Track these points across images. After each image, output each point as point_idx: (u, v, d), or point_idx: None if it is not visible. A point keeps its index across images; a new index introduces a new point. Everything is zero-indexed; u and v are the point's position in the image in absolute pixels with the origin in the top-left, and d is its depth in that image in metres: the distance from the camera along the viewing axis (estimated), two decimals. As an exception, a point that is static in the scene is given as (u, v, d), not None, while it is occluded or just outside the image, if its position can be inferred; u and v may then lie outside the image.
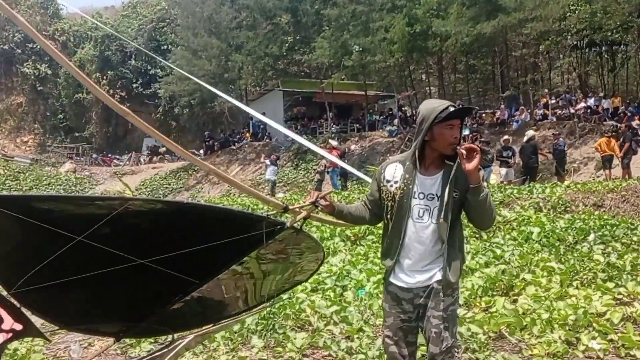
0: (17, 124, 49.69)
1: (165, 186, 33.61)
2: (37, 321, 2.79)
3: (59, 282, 2.41)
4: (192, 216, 2.65)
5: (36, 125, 49.67)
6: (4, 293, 2.49)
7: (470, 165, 2.66)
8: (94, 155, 43.00)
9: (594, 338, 4.25)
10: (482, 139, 20.10)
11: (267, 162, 21.87)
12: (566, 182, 14.24)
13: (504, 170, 17.39)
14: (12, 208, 2.20)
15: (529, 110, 24.43)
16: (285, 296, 5.43)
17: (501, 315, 4.73)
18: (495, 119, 25.35)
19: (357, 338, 4.52)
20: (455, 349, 2.93)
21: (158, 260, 2.54)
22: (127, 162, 40.97)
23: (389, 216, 2.94)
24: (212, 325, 3.46)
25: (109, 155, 42.92)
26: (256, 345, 4.46)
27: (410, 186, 2.86)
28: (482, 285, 5.48)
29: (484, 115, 26.83)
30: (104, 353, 3.69)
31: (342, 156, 20.17)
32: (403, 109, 32.07)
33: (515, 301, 5.18)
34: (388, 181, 2.94)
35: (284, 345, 4.41)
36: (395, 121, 29.31)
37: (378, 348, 4.23)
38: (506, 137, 18.77)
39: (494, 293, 5.45)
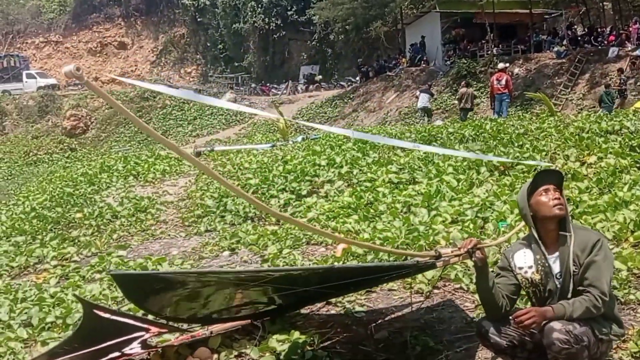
0: (180, 55, 52.05)
1: (322, 114, 34.24)
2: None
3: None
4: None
5: (198, 56, 51.67)
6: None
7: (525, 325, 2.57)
8: (253, 85, 44.38)
9: None
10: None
11: (417, 92, 21.16)
12: None
13: None
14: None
15: None
16: (421, 228, 5.39)
17: (654, 253, 4.26)
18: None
19: (492, 271, 4.35)
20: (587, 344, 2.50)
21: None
22: (285, 91, 42.12)
23: (534, 300, 2.88)
24: None
25: (267, 84, 44.07)
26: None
27: (548, 268, 2.76)
28: (635, 219, 4.95)
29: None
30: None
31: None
32: (573, 27, 29.04)
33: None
34: (521, 268, 2.85)
35: (415, 277, 4.38)
36: (564, 41, 26.73)
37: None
38: None
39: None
